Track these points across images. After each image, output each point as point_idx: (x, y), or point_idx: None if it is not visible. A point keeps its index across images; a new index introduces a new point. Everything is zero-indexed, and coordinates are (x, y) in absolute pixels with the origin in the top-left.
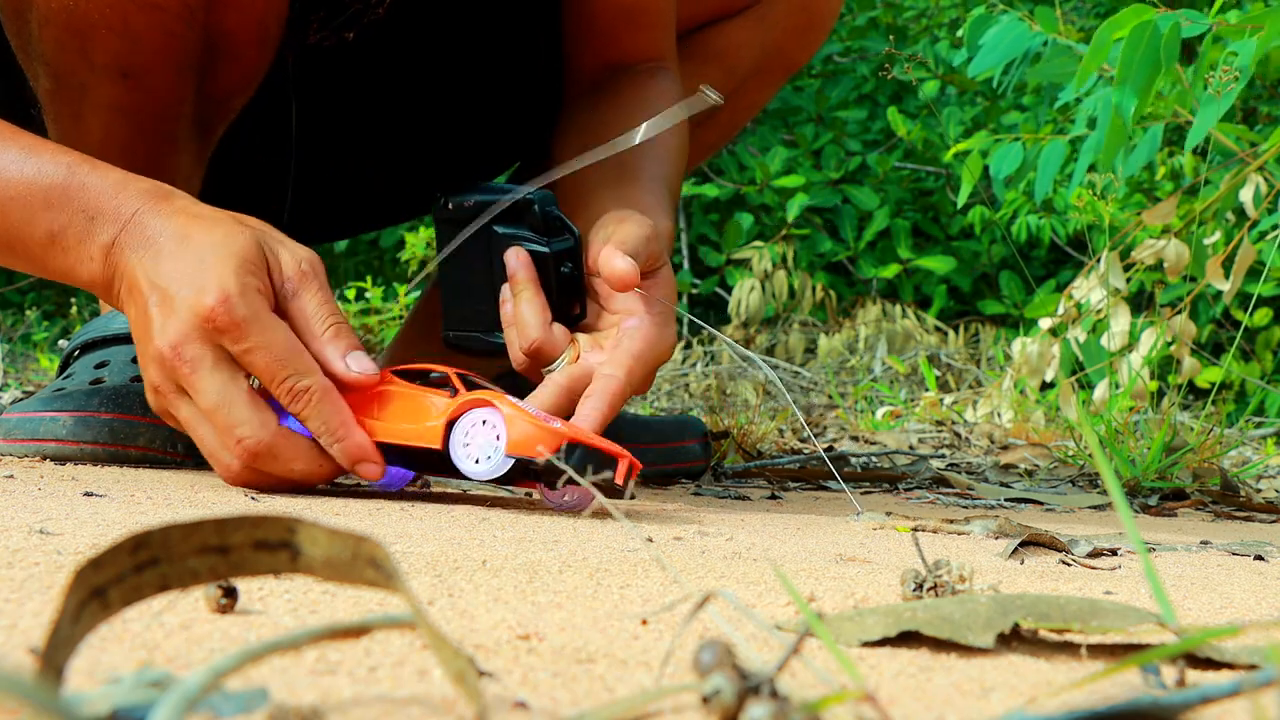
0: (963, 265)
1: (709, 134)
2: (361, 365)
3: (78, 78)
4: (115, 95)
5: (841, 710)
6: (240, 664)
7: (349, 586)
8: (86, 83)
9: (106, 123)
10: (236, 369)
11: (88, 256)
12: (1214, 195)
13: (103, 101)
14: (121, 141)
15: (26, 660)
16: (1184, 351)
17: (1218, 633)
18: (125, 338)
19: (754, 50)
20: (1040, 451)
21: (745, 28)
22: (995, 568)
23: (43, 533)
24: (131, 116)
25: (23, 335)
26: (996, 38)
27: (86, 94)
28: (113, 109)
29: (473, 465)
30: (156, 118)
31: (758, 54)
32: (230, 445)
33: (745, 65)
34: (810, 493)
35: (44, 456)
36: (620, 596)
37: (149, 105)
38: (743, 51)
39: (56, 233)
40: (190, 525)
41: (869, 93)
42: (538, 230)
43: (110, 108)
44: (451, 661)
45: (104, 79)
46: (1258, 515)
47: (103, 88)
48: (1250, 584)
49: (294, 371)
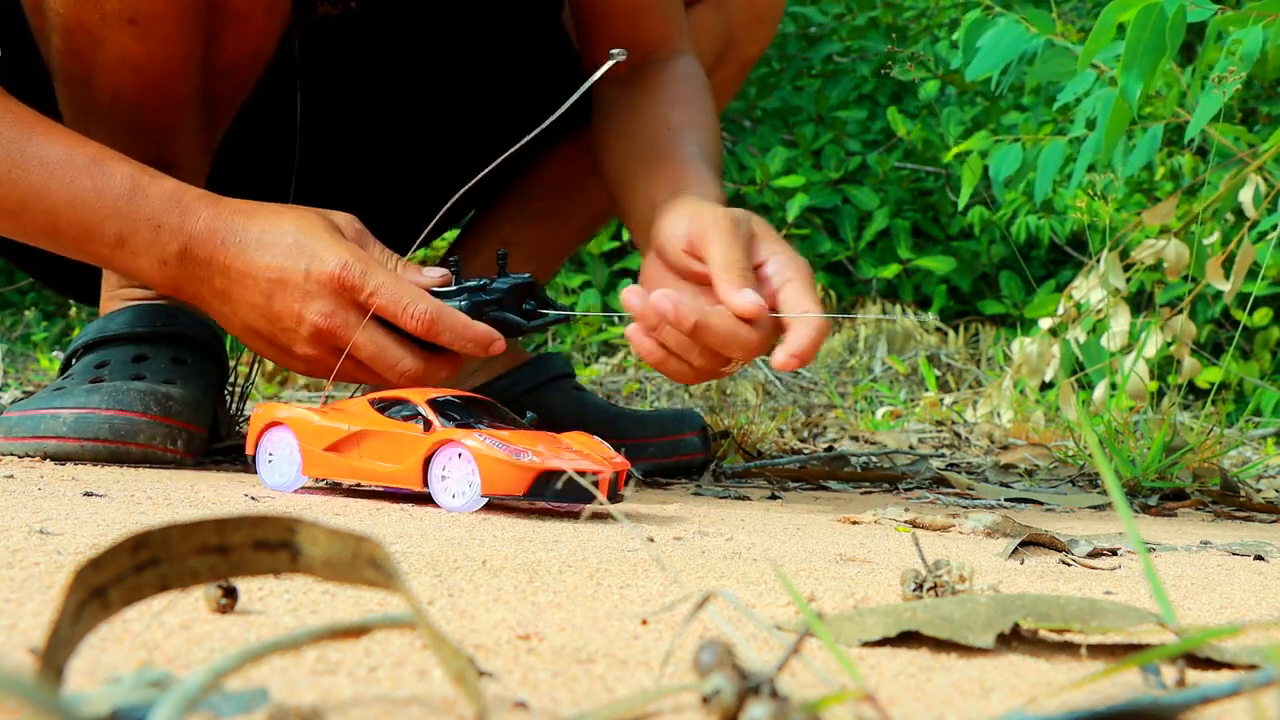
0: (963, 265)
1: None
2: (433, 274)
3: (87, 27)
4: (124, 46)
5: (841, 710)
6: (240, 664)
7: (349, 586)
8: (96, 33)
9: (115, 84)
10: (370, 317)
11: (159, 261)
12: (1213, 195)
13: (112, 55)
14: (129, 103)
15: (26, 660)
16: (1184, 351)
17: (1218, 633)
18: (125, 338)
19: (716, 37)
20: (1040, 451)
21: (705, 13)
22: (995, 568)
23: (43, 533)
24: (139, 73)
25: (22, 335)
26: (994, 40)
27: (96, 48)
28: (121, 64)
29: (450, 500)
30: (163, 75)
31: (719, 41)
32: (395, 379)
33: (710, 51)
34: (810, 493)
35: (45, 454)
36: (620, 596)
37: (156, 59)
38: (706, 36)
39: (125, 237)
40: (190, 525)
41: (869, 93)
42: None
43: (119, 62)
44: (451, 661)
45: (113, 27)
46: (1258, 515)
47: (111, 37)
48: (1250, 584)
49: (409, 300)
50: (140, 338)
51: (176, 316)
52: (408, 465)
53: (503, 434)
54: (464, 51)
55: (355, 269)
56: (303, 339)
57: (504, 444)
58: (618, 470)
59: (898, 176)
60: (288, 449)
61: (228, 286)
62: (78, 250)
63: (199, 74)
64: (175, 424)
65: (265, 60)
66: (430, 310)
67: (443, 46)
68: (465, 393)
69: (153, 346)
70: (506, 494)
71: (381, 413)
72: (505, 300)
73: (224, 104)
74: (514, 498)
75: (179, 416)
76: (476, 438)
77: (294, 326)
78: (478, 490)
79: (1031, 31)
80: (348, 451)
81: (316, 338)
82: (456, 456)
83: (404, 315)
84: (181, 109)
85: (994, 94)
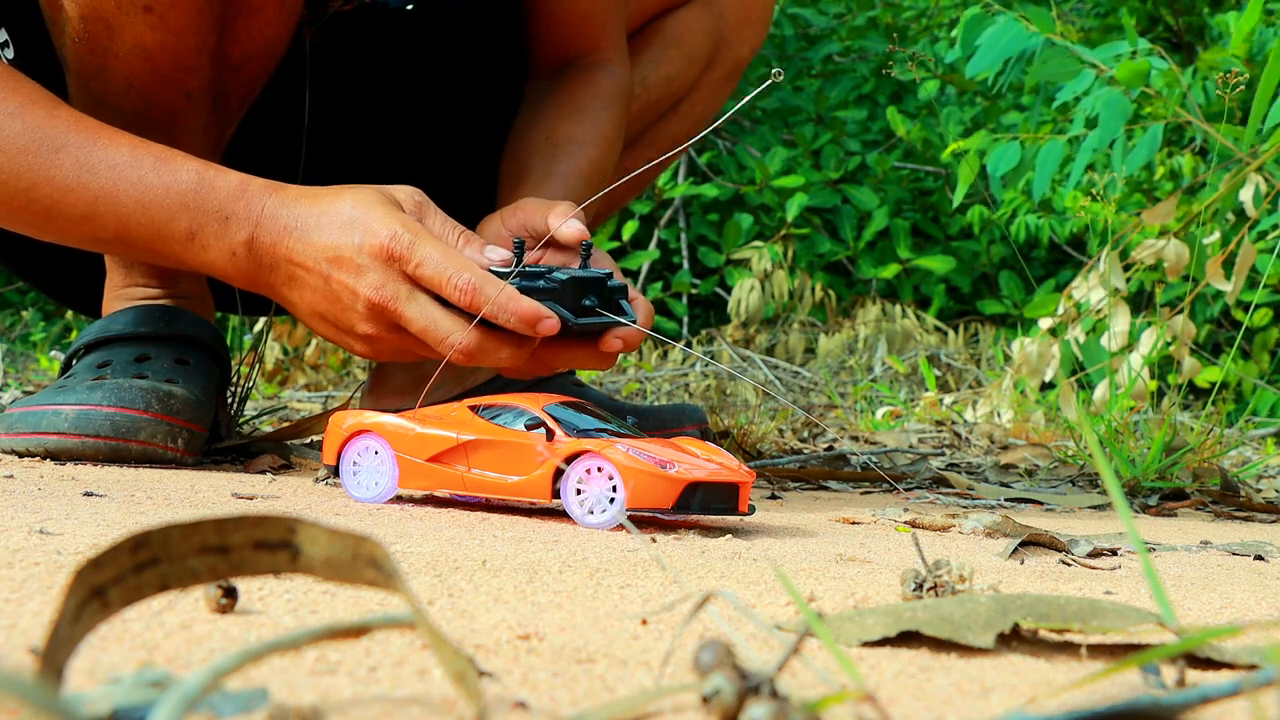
0: (962, 265)
1: (674, 125)
2: (496, 254)
3: (103, 15)
4: (139, 34)
5: (841, 710)
6: (240, 664)
7: (349, 586)
8: (111, 20)
9: (128, 73)
10: (420, 289)
11: (229, 252)
12: (1214, 195)
13: (126, 43)
14: (141, 93)
15: (26, 660)
16: (1184, 351)
17: (1218, 633)
18: (128, 338)
19: (707, 37)
20: (1040, 451)
21: (696, 14)
22: (995, 568)
23: (43, 533)
24: (153, 62)
25: (22, 335)
26: (994, 38)
27: (111, 35)
28: (135, 52)
29: (587, 516)
30: (176, 66)
31: (711, 42)
32: (446, 353)
33: (702, 52)
34: (810, 493)
35: (46, 450)
36: (620, 596)
37: (170, 48)
38: (698, 38)
39: (195, 231)
40: (190, 525)
41: (869, 93)
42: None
43: (133, 51)
44: (451, 661)
45: (129, 14)
46: (1258, 515)
47: (127, 25)
48: (1250, 584)
49: (455, 270)
50: (143, 338)
51: (179, 317)
52: (535, 478)
53: (645, 444)
54: (474, 50)
55: (404, 239)
56: (361, 315)
57: (649, 455)
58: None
59: (897, 176)
60: (377, 459)
61: (292, 272)
62: (149, 250)
63: (211, 67)
64: (176, 422)
65: (277, 55)
66: (474, 281)
67: (452, 44)
68: (568, 398)
69: (155, 346)
70: (654, 508)
71: (489, 420)
72: (562, 292)
73: (234, 100)
74: (662, 511)
75: (180, 415)
76: (619, 449)
77: (351, 303)
78: (621, 505)
79: (1031, 30)
80: (454, 462)
81: (371, 312)
82: (596, 470)
83: (448, 286)
84: (191, 100)
85: (993, 92)
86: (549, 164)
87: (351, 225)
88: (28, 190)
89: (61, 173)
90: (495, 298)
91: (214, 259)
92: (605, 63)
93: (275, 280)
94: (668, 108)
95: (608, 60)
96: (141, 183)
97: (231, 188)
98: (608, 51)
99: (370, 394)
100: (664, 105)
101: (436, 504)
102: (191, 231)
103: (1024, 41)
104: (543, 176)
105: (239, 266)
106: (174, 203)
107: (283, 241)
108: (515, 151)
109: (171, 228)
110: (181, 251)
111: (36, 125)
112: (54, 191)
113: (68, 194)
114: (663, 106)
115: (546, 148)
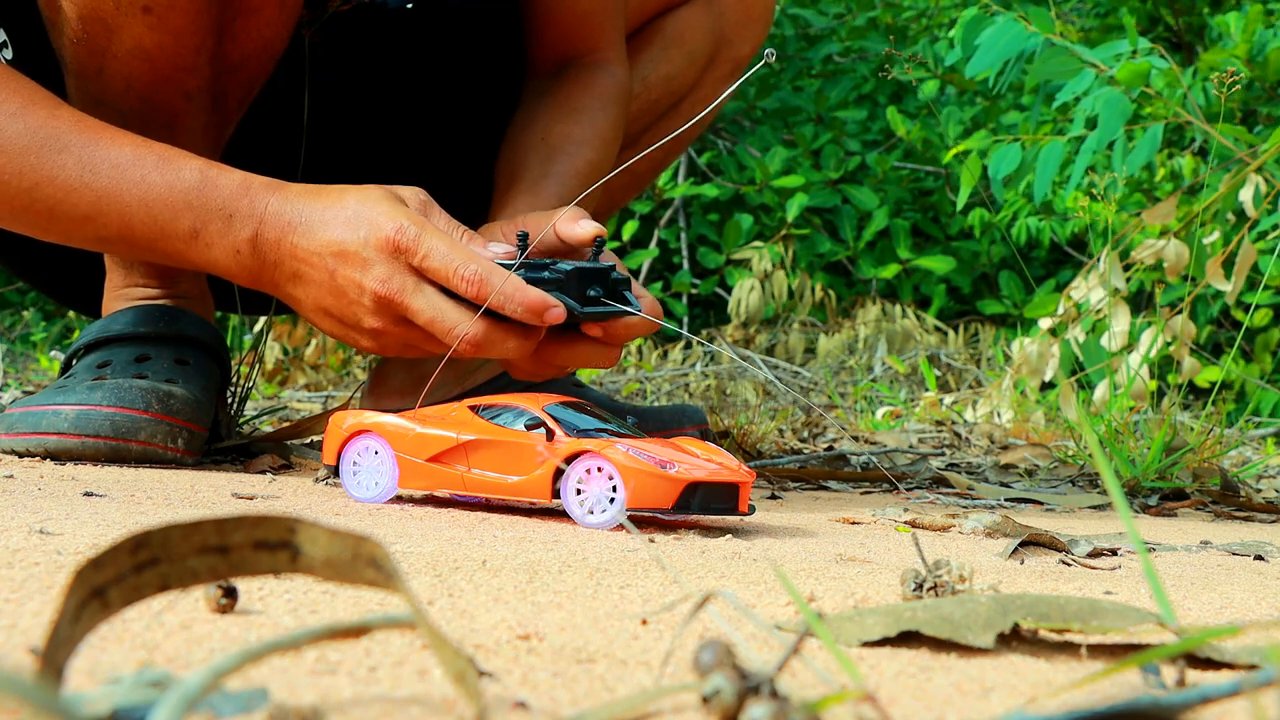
0: (962, 265)
1: (674, 123)
2: (500, 249)
3: (102, 15)
4: (138, 35)
5: (841, 710)
6: (240, 664)
7: (349, 586)
8: (110, 21)
9: (127, 74)
10: (426, 281)
11: (233, 249)
12: (1214, 196)
13: (125, 44)
14: (140, 94)
15: (26, 660)
16: (1184, 351)
17: (1218, 633)
18: (128, 338)
19: (708, 36)
20: (1040, 451)
21: (696, 13)
22: (995, 568)
23: (43, 533)
24: (152, 63)
25: (22, 335)
26: (993, 38)
27: (110, 36)
28: (134, 53)
29: (587, 516)
30: (174, 67)
31: (711, 41)
32: (453, 344)
33: (702, 51)
34: (810, 493)
35: (46, 450)
36: (620, 596)
37: (169, 48)
38: (698, 37)
39: (199, 230)
40: (190, 525)
41: (869, 93)
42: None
43: (132, 52)
44: (451, 661)
45: (128, 14)
46: (1258, 515)
47: (126, 25)
48: (1250, 584)
49: (461, 262)
50: (143, 338)
51: (179, 317)
52: (535, 478)
53: (645, 444)
54: (473, 50)
55: (409, 232)
56: (367, 310)
57: (648, 454)
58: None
59: (897, 176)
60: (377, 459)
61: (297, 268)
62: (152, 249)
63: (209, 67)
64: (176, 422)
65: (276, 55)
66: (480, 271)
67: (451, 44)
68: (568, 398)
69: (155, 346)
70: (654, 508)
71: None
72: (566, 283)
73: (233, 101)
74: (662, 511)
75: (180, 415)
76: (619, 449)
77: (357, 298)
78: (621, 505)
79: (1030, 30)
80: (454, 462)
81: (378, 306)
82: (596, 470)
83: (454, 277)
84: (191, 101)
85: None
86: (545, 164)
87: (356, 220)
88: (30, 190)
89: (64, 173)
90: (501, 288)
91: (218, 257)
92: (604, 63)
93: (279, 277)
94: (668, 107)
95: (606, 60)
96: (144, 182)
97: (235, 185)
98: (606, 52)
99: (370, 394)
100: (664, 105)
101: (436, 504)
102: (195, 230)
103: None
104: (538, 177)
105: (243, 264)
106: (177, 201)
107: (287, 238)
108: (511, 151)
109: (175, 226)
110: (185, 250)
111: (38, 126)
112: (57, 191)
113: (71, 194)
114: (663, 106)
115: (542, 148)
